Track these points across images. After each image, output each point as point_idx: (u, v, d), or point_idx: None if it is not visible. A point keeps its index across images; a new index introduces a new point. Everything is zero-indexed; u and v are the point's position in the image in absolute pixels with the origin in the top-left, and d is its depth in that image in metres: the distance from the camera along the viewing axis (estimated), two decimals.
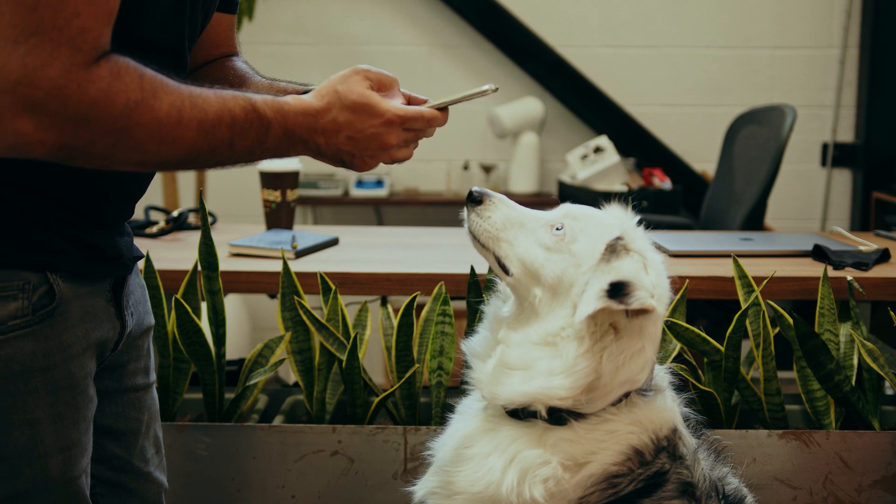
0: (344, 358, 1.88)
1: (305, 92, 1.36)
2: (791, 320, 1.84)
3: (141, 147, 0.99)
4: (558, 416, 1.21)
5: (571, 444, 1.20)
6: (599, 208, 1.32)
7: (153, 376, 1.37)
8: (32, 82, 0.92)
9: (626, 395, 1.23)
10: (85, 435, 1.16)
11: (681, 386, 1.35)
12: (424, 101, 1.27)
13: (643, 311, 1.17)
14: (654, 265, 1.25)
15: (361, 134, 1.14)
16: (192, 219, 2.54)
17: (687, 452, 1.25)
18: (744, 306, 1.88)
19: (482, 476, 1.22)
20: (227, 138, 1.05)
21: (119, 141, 0.98)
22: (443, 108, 1.22)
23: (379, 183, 4.22)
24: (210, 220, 2.56)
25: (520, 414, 1.23)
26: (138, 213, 2.42)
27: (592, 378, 1.19)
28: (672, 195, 3.88)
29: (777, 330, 1.91)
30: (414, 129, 1.18)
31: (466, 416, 1.33)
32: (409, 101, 1.26)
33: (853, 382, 1.89)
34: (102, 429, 1.26)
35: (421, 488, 1.32)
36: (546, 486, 1.18)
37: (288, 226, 2.47)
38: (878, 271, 2.07)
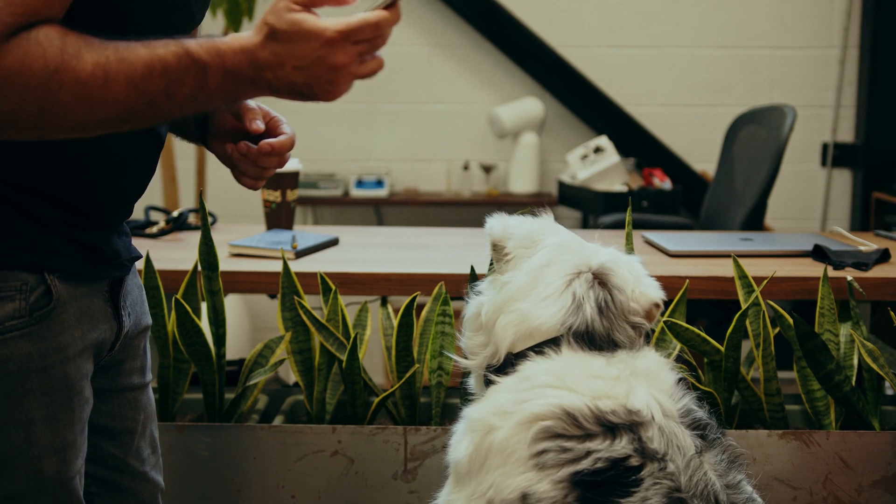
0: (344, 358, 1.88)
1: None
2: (791, 320, 1.84)
3: (69, 111, 0.96)
4: (488, 381, 1.30)
5: (497, 394, 1.26)
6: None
7: (149, 376, 1.36)
8: None
9: (535, 349, 1.28)
10: (80, 436, 1.16)
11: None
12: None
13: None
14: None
15: (306, 61, 1.02)
16: (192, 219, 2.54)
17: (671, 453, 1.19)
18: (744, 306, 1.88)
19: (454, 449, 1.30)
20: (163, 89, 0.99)
21: (44, 108, 0.95)
22: (391, 6, 1.06)
23: (379, 183, 4.22)
24: (210, 220, 2.56)
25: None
26: (138, 213, 2.42)
27: (475, 311, 1.37)
28: (672, 195, 3.88)
29: (777, 330, 1.91)
30: (365, 40, 1.04)
31: None
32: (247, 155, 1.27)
33: (853, 382, 1.89)
34: (98, 428, 1.26)
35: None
36: (481, 430, 1.24)
37: (288, 226, 2.47)
38: (878, 271, 2.07)
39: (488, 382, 1.30)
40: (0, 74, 0.92)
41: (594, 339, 1.28)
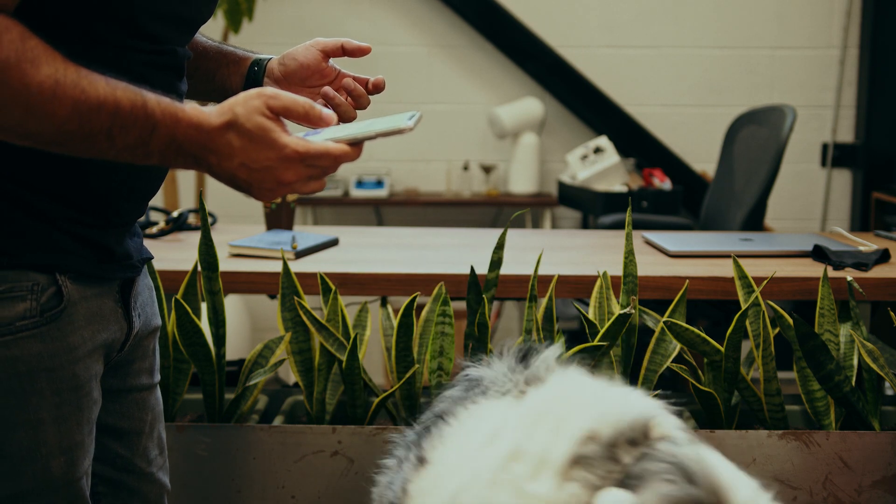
0: (344, 358, 1.88)
1: (257, 62, 1.33)
2: (791, 320, 1.84)
3: (3, 109, 0.94)
4: None
5: None
6: None
7: (157, 377, 1.36)
8: None
9: None
10: (88, 437, 1.16)
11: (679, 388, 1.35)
12: (365, 80, 1.28)
13: None
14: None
15: (256, 164, 1.04)
16: (192, 219, 2.54)
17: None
18: (744, 307, 1.88)
19: None
20: (106, 129, 0.98)
21: None
22: (356, 144, 1.09)
23: (379, 183, 4.22)
24: (210, 220, 2.56)
25: None
26: None
27: None
28: (672, 195, 3.88)
29: (777, 330, 1.91)
30: (319, 166, 1.07)
31: None
32: (352, 91, 1.26)
33: (853, 383, 1.89)
34: (105, 428, 1.26)
35: None
36: None
37: (288, 226, 2.47)
38: (878, 271, 2.07)
39: None
40: None
41: None
